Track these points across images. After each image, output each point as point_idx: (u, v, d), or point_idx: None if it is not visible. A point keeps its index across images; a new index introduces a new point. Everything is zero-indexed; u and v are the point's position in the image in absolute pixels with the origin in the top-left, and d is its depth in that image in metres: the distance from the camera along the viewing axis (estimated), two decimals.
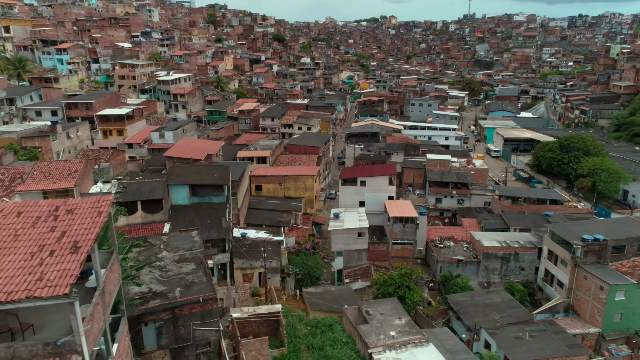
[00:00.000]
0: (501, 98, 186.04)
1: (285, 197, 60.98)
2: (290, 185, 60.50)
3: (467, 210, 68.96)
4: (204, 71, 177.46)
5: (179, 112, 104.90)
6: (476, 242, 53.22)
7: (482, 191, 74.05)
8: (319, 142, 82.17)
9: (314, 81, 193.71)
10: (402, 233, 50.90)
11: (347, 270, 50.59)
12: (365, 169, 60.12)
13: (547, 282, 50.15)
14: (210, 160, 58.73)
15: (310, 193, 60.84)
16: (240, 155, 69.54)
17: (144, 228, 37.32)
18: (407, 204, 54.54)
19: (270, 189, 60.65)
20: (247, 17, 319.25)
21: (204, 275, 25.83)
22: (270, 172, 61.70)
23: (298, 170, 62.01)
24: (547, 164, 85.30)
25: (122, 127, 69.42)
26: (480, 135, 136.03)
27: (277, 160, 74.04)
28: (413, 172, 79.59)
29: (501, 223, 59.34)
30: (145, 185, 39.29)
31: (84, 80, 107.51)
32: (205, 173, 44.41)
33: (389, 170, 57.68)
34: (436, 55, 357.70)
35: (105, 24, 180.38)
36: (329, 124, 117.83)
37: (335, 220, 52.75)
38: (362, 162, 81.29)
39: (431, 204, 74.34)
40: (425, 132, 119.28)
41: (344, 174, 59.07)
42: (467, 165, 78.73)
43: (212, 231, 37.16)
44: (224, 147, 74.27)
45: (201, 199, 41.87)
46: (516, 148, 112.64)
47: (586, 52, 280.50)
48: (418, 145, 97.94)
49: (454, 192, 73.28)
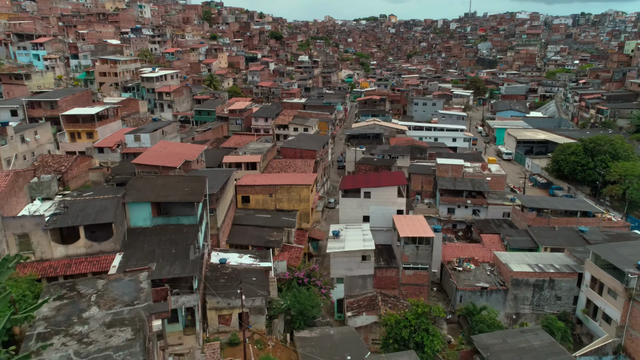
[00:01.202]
0: (508, 97, 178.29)
1: (276, 209, 52.55)
2: (283, 196, 52.08)
3: (484, 223, 60.57)
4: (197, 69, 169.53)
5: (165, 111, 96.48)
6: (502, 265, 44.83)
7: (500, 200, 65.73)
8: (317, 145, 73.76)
9: (312, 80, 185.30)
10: (415, 256, 42.46)
11: (349, 300, 42.19)
12: (369, 177, 51.63)
13: (589, 315, 41.77)
14: (189, 168, 50.25)
15: (306, 205, 52.42)
16: (227, 161, 61.12)
17: (88, 261, 28.88)
18: (420, 220, 46.07)
19: (260, 200, 52.23)
20: (243, 15, 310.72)
21: (140, 353, 17.37)
22: (259, 181, 53.25)
23: (292, 179, 53.56)
24: (569, 168, 76.95)
25: (92, 128, 60.93)
26: (489, 136, 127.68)
27: (269, 166, 65.62)
28: (422, 179, 71.26)
29: (528, 241, 50.93)
30: (93, 204, 30.82)
31: (62, 77, 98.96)
32: (175, 186, 35.96)
33: (397, 179, 49.21)
34: (437, 53, 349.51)
35: (93, 20, 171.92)
36: (328, 125, 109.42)
37: (335, 240, 44.32)
38: (365, 167, 72.90)
39: (443, 214, 66.02)
40: (431, 133, 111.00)
41: (344, 184, 50.62)
42: (482, 171, 70.35)
43: (175, 266, 28.70)
44: (208, 152, 65.89)
45: (167, 220, 33.43)
46: (529, 150, 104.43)
47: (592, 50, 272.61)
48: (425, 148, 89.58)
49: (468, 202, 64.96)
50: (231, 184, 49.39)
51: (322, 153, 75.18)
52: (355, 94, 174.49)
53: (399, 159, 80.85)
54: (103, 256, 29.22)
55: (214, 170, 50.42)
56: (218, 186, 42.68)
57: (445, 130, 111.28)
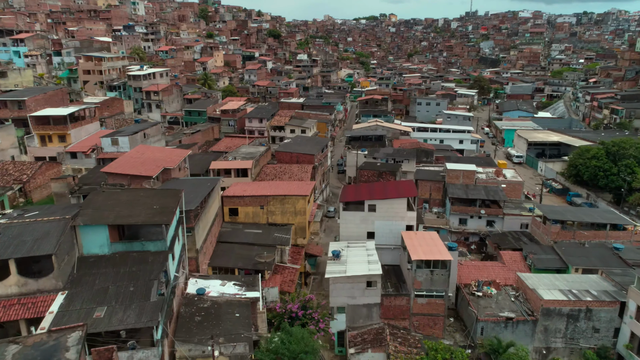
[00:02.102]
0: (513, 97, 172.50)
1: (268, 223, 46.30)
2: (276, 208, 45.84)
3: (501, 237, 54.35)
4: (191, 68, 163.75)
5: (153, 112, 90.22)
6: (529, 290, 38.62)
7: (517, 210, 59.52)
8: (315, 148, 67.57)
9: (311, 79, 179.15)
10: (430, 282, 36.24)
11: (352, 333, 35.97)
12: (374, 187, 45.29)
13: (633, 351, 35.58)
14: (168, 177, 44.05)
15: (302, 218, 46.20)
16: (215, 167, 54.88)
17: (21, 304, 22.64)
18: (434, 238, 39.82)
19: (249, 213, 45.99)
20: (241, 13, 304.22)
21: None
22: (250, 191, 46.98)
23: (286, 189, 47.29)
24: (589, 174, 70.74)
25: (64, 131, 54.68)
26: (496, 137, 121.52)
27: (262, 172, 59.39)
28: (430, 186, 65.08)
29: (556, 260, 44.67)
30: (32, 229, 24.59)
31: (43, 75, 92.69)
32: (143, 203, 29.73)
33: (407, 189, 42.93)
34: (439, 53, 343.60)
35: (84, 17, 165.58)
36: (327, 126, 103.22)
37: (335, 263, 38.09)
38: (367, 172, 66.68)
39: (454, 226, 59.84)
40: (436, 135, 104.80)
41: (346, 195, 44.34)
42: (496, 177, 64.15)
43: (130, 311, 22.44)
44: (195, 156, 59.70)
45: (129, 246, 27.21)
46: (541, 153, 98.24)
47: (598, 49, 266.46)
48: (431, 151, 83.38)
49: (482, 212, 58.77)
50: (216, 195, 43.17)
51: (321, 157, 69.02)
52: (356, 93, 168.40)
53: (403, 163, 74.69)
54: (41, 297, 23.01)
55: (197, 180, 44.19)
56: (198, 200, 36.43)
57: (451, 131, 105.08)
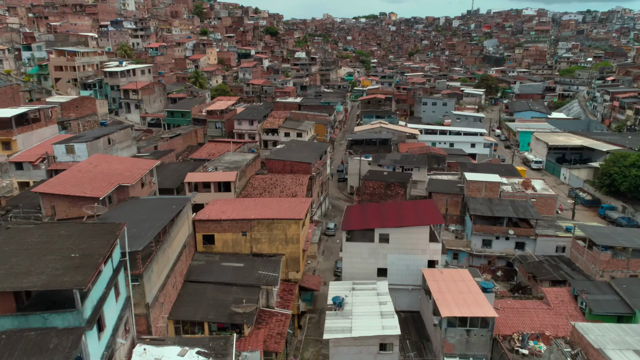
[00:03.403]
0: (522, 96, 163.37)
1: (252, 254, 36.90)
2: (262, 234, 36.47)
3: (537, 265, 45.01)
4: (182, 65, 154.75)
5: (132, 113, 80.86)
6: (592, 350, 29.24)
7: (551, 230, 50.21)
8: (312, 155, 58.26)
9: (310, 77, 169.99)
10: (465, 344, 26.94)
11: None
12: (387, 210, 35.65)
13: None
14: (125, 196, 34.69)
15: (295, 248, 36.81)
16: (190, 181, 45.49)
17: None
18: (466, 280, 30.39)
19: (229, 241, 36.60)
20: (237, 10, 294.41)
21: None
22: (229, 213, 37.58)
23: (275, 210, 37.88)
24: (628, 184, 61.46)
25: (8, 136, 45.25)
26: (509, 140, 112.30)
27: (250, 184, 50.03)
28: (446, 199, 55.75)
29: (617, 302, 35.33)
30: None
31: (10, 72, 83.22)
32: (57, 248, 20.35)
33: (429, 214, 33.48)
34: (440, 51, 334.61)
35: (68, 11, 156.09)
36: (326, 127, 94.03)
37: (337, 315, 28.71)
38: (373, 184, 57.31)
39: (476, 248, 50.53)
40: (445, 138, 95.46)
41: (350, 220, 34.81)
42: (524, 190, 54.84)
43: None
44: (171, 167, 50.38)
45: (23, 321, 17.83)
46: (561, 158, 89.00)
47: (606, 47, 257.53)
48: (443, 157, 74.11)
49: (511, 232, 49.47)
50: (185, 220, 33.78)
51: (319, 165, 59.70)
52: (357, 92, 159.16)
53: (413, 171, 65.40)
54: None
55: (160, 201, 34.77)
56: (152, 233, 27.05)
57: (462, 134, 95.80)
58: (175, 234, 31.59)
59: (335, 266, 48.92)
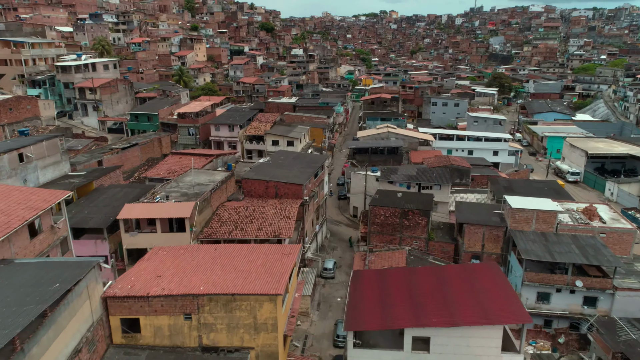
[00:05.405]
0: (538, 96, 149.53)
1: (202, 349, 22.93)
2: (217, 318, 22.52)
3: (632, 344, 31.07)
4: (167, 62, 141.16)
5: (90, 116, 66.93)
6: None
7: (633, 279, 36.35)
8: (305, 173, 44.25)
9: (307, 76, 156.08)
10: None
11: None
12: (420, 284, 21.37)
13: None
14: None
15: (270, 338, 22.82)
16: (126, 217, 31.47)
17: None
18: None
19: (164, 328, 22.65)
20: (232, 6, 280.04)
21: None
22: (168, 281, 23.60)
23: (240, 273, 23.89)
24: None
25: None
26: (533, 146, 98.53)
27: (217, 218, 36.06)
28: (482, 232, 41.80)
29: None
30: None
31: None
32: None
33: (500, 301, 19.50)
34: (444, 49, 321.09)
35: (41, 3, 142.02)
36: (324, 132, 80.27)
37: None
38: (384, 211, 43.38)
39: (528, 303, 36.64)
40: (463, 144, 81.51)
41: (359, 308, 20.33)
42: (588, 221, 40.83)
43: None
44: (109, 192, 36.50)
45: None
46: (600, 168, 75.16)
47: (620, 44, 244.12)
48: (468, 170, 60.36)
49: (578, 283, 35.64)
50: (81, 303, 19.83)
51: (314, 185, 45.75)
52: (358, 92, 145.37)
53: (434, 189, 51.60)
54: None
55: (39, 269, 20.80)
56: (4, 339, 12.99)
57: (483, 139, 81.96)
58: (58, 330, 17.71)
59: (335, 331, 35.13)
